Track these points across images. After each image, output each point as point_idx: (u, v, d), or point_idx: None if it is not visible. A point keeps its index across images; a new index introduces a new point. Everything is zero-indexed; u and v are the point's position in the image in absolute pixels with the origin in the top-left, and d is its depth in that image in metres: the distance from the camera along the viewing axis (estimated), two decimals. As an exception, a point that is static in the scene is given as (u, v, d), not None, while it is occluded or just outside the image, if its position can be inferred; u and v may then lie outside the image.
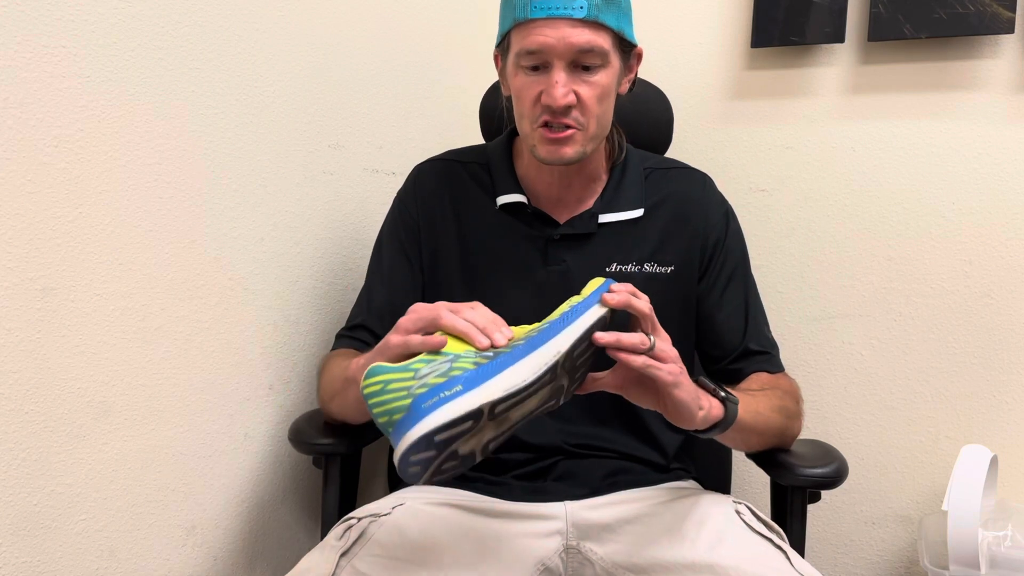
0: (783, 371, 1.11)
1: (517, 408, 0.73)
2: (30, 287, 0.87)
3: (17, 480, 0.87)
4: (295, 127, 1.21)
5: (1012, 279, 1.39)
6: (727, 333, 1.09)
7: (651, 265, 1.07)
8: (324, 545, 0.93)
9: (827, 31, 1.44)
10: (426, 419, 0.67)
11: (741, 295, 1.11)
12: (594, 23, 0.94)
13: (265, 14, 1.14)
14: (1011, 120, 1.38)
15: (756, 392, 0.99)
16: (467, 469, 0.75)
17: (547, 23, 0.94)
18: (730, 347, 1.09)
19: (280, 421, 1.22)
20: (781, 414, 1.01)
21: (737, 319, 1.10)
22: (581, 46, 0.94)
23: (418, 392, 0.69)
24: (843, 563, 1.52)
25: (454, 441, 0.70)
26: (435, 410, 0.68)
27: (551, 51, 0.94)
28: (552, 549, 0.97)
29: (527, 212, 1.08)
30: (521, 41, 0.96)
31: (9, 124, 0.83)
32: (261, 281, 1.17)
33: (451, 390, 0.69)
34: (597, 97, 0.97)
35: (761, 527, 0.96)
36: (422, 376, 0.71)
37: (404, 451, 0.68)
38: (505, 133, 1.14)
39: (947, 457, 1.42)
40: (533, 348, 0.74)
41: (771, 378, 1.08)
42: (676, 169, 1.15)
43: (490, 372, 0.71)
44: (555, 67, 0.95)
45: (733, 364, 1.09)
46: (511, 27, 0.97)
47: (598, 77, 0.97)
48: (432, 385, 0.70)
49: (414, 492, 1.04)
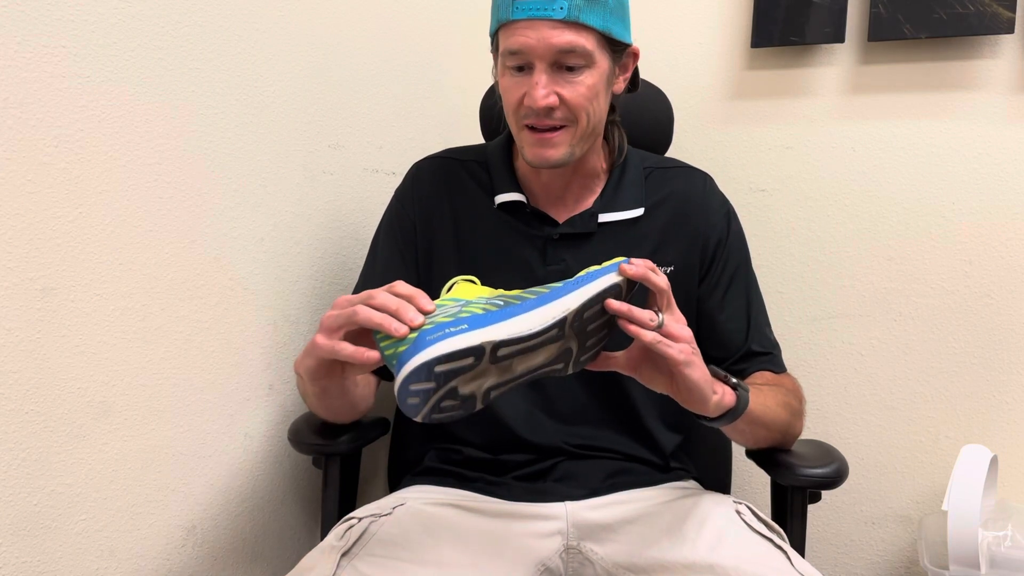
0: (786, 371, 1.11)
1: (522, 359, 0.75)
2: (30, 287, 0.87)
3: (17, 480, 0.87)
4: (295, 127, 1.21)
5: (1012, 279, 1.39)
6: (729, 334, 1.09)
7: None
8: (325, 545, 0.93)
9: (827, 31, 1.44)
10: (428, 349, 0.69)
11: (743, 296, 1.11)
12: (575, 24, 0.94)
13: (265, 14, 1.14)
14: (1011, 120, 1.38)
15: (763, 387, 1.00)
16: (467, 414, 0.77)
17: (528, 24, 0.94)
18: (732, 348, 1.09)
19: (280, 421, 1.22)
20: (787, 410, 1.01)
21: (739, 320, 1.09)
22: (561, 47, 0.94)
23: (425, 327, 0.72)
24: (843, 563, 1.52)
25: (454, 376, 0.71)
26: (438, 342, 0.70)
27: (532, 52, 0.95)
28: (553, 549, 0.97)
29: (526, 211, 1.07)
30: (505, 42, 0.97)
31: (9, 124, 0.83)
32: (261, 281, 1.17)
33: (457, 328, 0.71)
34: (583, 97, 0.97)
35: (762, 527, 0.96)
36: (432, 317, 0.73)
37: (404, 378, 0.70)
38: (505, 132, 1.13)
39: (947, 457, 1.42)
40: (544, 302, 0.76)
41: (775, 377, 1.08)
42: (676, 168, 1.14)
43: (497, 317, 0.73)
44: (536, 68, 0.95)
45: (735, 365, 1.08)
46: (497, 28, 0.98)
47: (582, 77, 0.96)
48: (439, 323, 0.72)
49: (415, 492, 1.04)
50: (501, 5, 0.96)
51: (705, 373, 0.84)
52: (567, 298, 0.76)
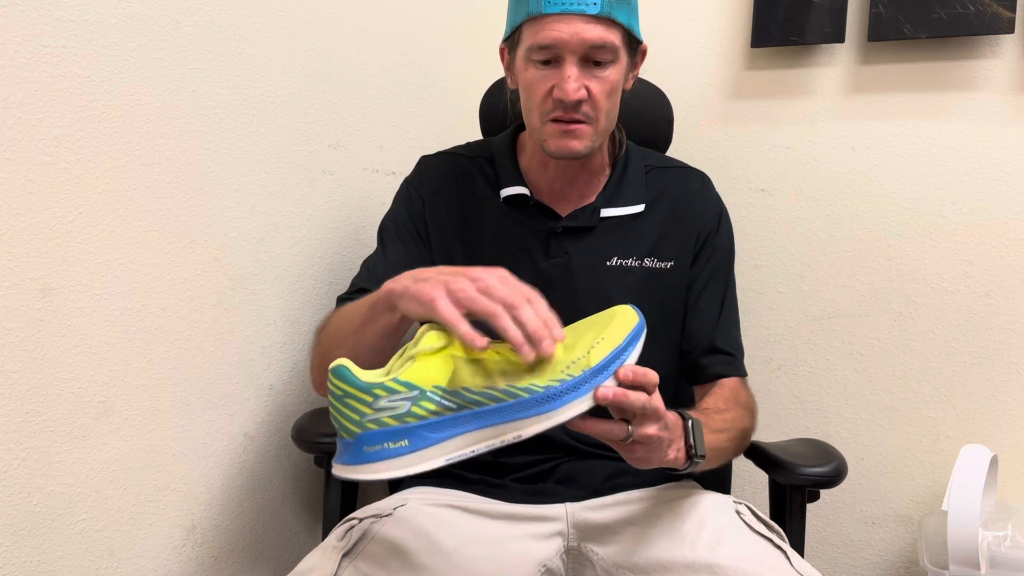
0: (744, 375, 1.10)
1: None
2: (30, 287, 0.87)
3: (17, 480, 0.87)
4: (295, 127, 1.21)
5: (1012, 279, 1.39)
6: (698, 328, 1.09)
7: (651, 260, 1.08)
8: (326, 545, 0.93)
9: (827, 31, 1.43)
10: (362, 466, 0.68)
11: (719, 293, 1.11)
12: (607, 19, 0.95)
13: (265, 14, 1.14)
14: (1011, 120, 1.38)
15: (717, 416, 0.96)
16: None
17: (560, 18, 0.94)
18: (697, 341, 1.09)
19: (280, 421, 1.22)
20: (737, 439, 1.00)
21: (710, 316, 1.10)
22: (594, 42, 0.95)
23: (368, 426, 0.68)
24: (843, 563, 1.52)
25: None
26: (373, 461, 0.68)
27: (564, 46, 0.95)
28: (553, 550, 0.97)
29: (529, 205, 1.08)
30: (534, 36, 0.96)
31: (9, 124, 0.83)
32: (261, 281, 1.17)
33: (396, 443, 0.68)
34: (607, 92, 0.98)
35: (761, 527, 0.96)
36: (379, 409, 0.68)
37: (336, 473, 0.70)
38: (510, 128, 1.14)
39: (947, 457, 1.42)
40: (500, 419, 0.70)
41: (732, 391, 1.06)
42: (676, 168, 1.16)
43: (442, 431, 0.69)
44: (567, 62, 0.95)
45: (699, 359, 1.09)
46: (523, 21, 0.98)
47: (608, 72, 0.97)
48: (383, 426, 0.68)
49: (416, 493, 1.04)
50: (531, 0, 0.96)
51: (656, 463, 0.81)
52: (525, 423, 0.70)
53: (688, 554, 0.91)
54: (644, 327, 0.79)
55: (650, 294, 1.07)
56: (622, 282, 1.07)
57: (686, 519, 0.96)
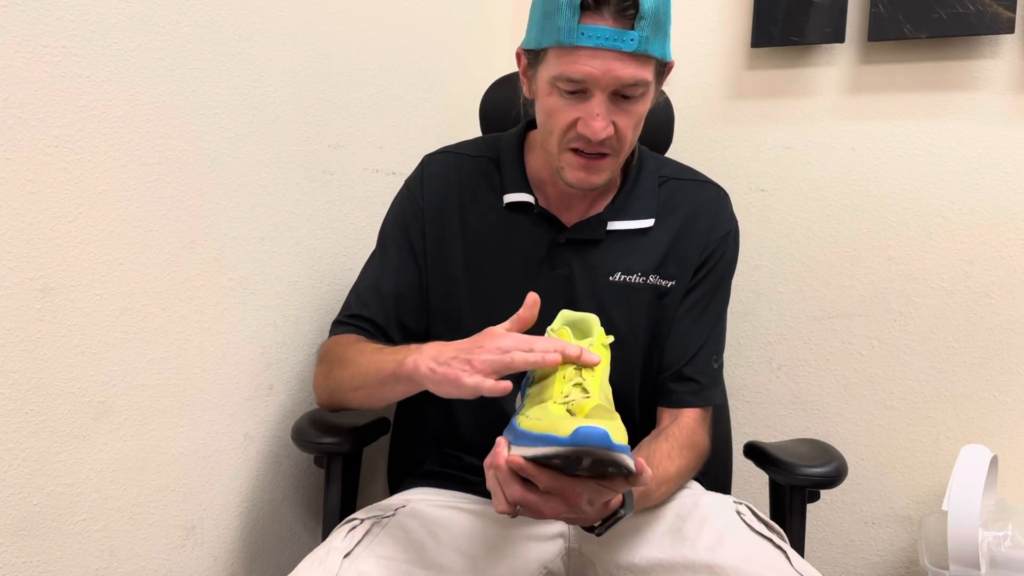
0: (712, 404, 1.08)
1: None
2: (30, 287, 0.87)
3: (17, 480, 0.87)
4: (295, 127, 1.21)
5: (1012, 279, 1.39)
6: (672, 351, 1.06)
7: (655, 277, 1.05)
8: (326, 546, 0.93)
9: (827, 31, 1.43)
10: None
11: (704, 325, 1.07)
12: (642, 56, 0.90)
13: (265, 14, 1.14)
14: (1011, 120, 1.38)
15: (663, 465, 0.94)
16: None
17: (593, 53, 0.89)
18: (668, 365, 1.06)
19: (280, 421, 1.22)
20: (674, 487, 0.99)
21: (687, 341, 1.06)
22: (626, 80, 0.91)
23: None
24: (843, 563, 1.52)
25: None
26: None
27: (595, 83, 0.91)
28: (554, 552, 0.97)
29: (534, 212, 1.06)
30: (563, 66, 0.91)
31: (9, 124, 0.83)
32: (261, 281, 1.17)
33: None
34: (634, 125, 0.95)
35: (761, 527, 0.96)
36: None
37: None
38: (519, 126, 1.11)
39: (947, 457, 1.42)
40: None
41: (690, 429, 1.03)
42: (692, 182, 1.11)
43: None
44: (595, 97, 0.91)
45: (668, 383, 1.06)
46: (551, 46, 0.92)
47: (637, 106, 0.94)
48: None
49: (417, 494, 1.04)
50: (563, 28, 0.89)
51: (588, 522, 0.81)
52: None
53: (688, 554, 0.91)
54: None
55: (648, 313, 1.05)
56: (623, 299, 1.04)
57: (686, 519, 0.96)
